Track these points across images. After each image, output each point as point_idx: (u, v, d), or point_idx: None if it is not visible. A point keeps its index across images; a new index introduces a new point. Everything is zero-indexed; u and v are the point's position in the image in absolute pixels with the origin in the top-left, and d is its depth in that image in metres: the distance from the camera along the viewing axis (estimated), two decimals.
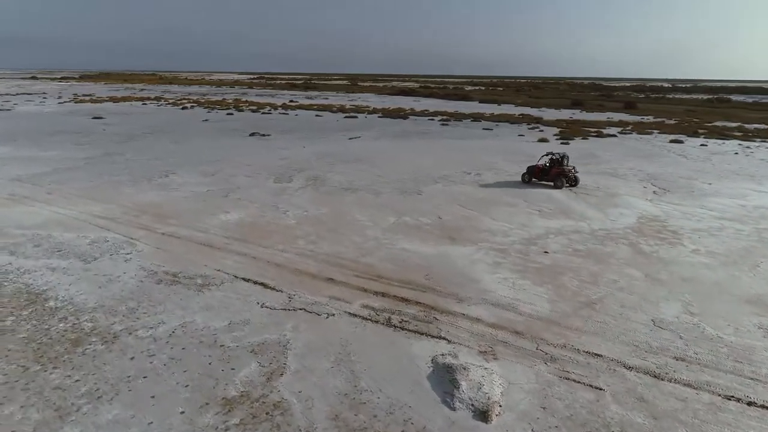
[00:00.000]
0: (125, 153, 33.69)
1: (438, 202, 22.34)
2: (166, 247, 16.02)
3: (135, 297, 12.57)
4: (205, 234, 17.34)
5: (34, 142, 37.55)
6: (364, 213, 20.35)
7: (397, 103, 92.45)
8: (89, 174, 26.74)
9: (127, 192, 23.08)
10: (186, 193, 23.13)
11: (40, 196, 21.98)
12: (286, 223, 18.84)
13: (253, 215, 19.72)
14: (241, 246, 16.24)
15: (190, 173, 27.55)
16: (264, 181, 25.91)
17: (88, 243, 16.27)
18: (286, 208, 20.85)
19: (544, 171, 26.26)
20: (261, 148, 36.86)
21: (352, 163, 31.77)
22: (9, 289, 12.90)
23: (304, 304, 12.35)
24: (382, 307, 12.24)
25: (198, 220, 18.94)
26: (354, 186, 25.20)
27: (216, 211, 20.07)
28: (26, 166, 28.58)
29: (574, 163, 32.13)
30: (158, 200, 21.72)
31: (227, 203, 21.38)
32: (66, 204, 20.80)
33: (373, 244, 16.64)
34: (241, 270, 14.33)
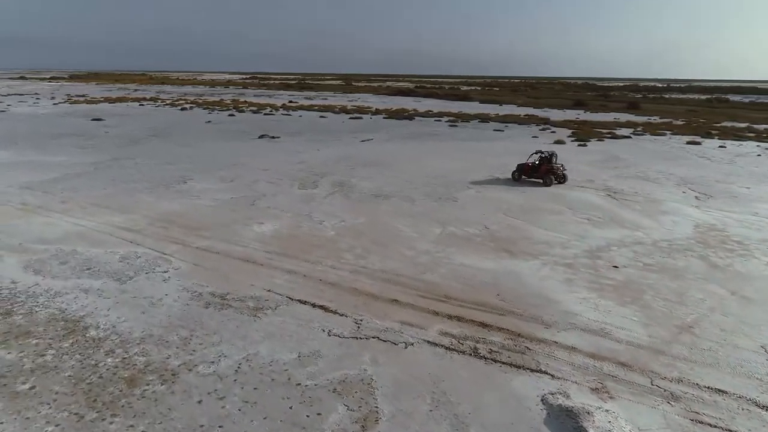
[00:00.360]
0: (134, 157, 32.22)
1: (478, 209, 21.19)
2: (205, 264, 14.71)
3: (185, 324, 11.28)
4: (244, 248, 16.05)
5: (37, 145, 35.94)
6: (404, 223, 19.16)
7: (397, 103, 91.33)
8: (101, 180, 25.30)
9: (147, 200, 21.70)
10: (210, 201, 21.79)
11: (55, 206, 20.55)
12: (326, 234, 17.59)
13: (289, 226, 18.45)
14: (286, 262, 14.97)
15: (207, 179, 26.20)
16: (288, 188, 24.63)
17: (119, 259, 14.93)
18: (320, 217, 19.59)
19: (533, 168, 26.85)
20: (274, 152, 35.52)
21: (373, 167, 30.54)
22: (42, 315, 11.55)
23: (375, 331, 11.12)
24: (463, 334, 11.05)
25: (231, 232, 17.64)
26: (384, 192, 23.99)
27: (248, 222, 18.77)
28: (33, 171, 27.06)
29: (600, 166, 31.23)
30: (182, 209, 20.37)
31: (257, 213, 20.09)
32: (84, 214, 19.40)
33: (427, 258, 15.43)
34: (293, 290, 13.07)
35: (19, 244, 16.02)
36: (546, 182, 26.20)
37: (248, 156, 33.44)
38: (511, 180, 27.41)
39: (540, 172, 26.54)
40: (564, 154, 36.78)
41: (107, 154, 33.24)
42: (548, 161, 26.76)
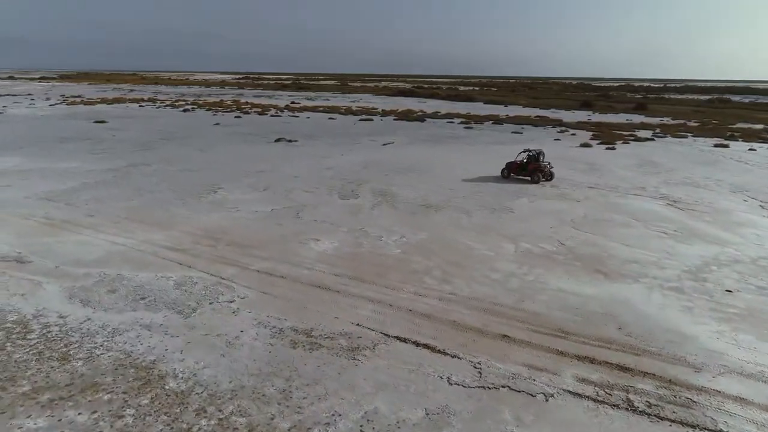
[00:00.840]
0: (150, 163, 30.37)
1: (540, 221, 19.70)
2: (273, 291, 13.04)
3: (277, 371, 9.62)
4: (309, 270, 14.39)
5: (45, 151, 33.94)
6: (469, 238, 17.59)
7: (401, 104, 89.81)
8: (124, 190, 23.48)
9: (181, 213, 19.95)
10: (250, 213, 20.09)
11: (82, 220, 18.75)
12: (391, 253, 15.98)
13: (348, 243, 16.81)
14: (362, 288, 13.34)
15: (238, 187, 24.48)
16: (328, 197, 22.98)
17: (174, 286, 13.21)
18: (377, 232, 17.98)
19: (521, 167, 27.70)
20: (297, 157, 33.82)
21: (406, 173, 28.96)
22: (106, 360, 9.84)
23: (501, 377, 9.53)
24: (604, 380, 9.49)
25: (288, 250, 15.97)
26: (431, 202, 22.42)
27: (302, 238, 17.11)
28: (48, 180, 25.17)
29: (640, 171, 29.94)
30: (224, 224, 18.66)
31: (307, 227, 18.42)
32: (118, 230, 17.62)
33: (517, 282, 13.87)
34: (385, 324, 11.45)
35: (56, 268, 14.25)
36: (534, 180, 27.01)
37: (271, 161, 31.71)
38: (556, 187, 25.94)
39: (528, 170, 27.37)
40: (596, 157, 35.46)
41: (121, 159, 31.35)
42: (536, 160, 27.50)
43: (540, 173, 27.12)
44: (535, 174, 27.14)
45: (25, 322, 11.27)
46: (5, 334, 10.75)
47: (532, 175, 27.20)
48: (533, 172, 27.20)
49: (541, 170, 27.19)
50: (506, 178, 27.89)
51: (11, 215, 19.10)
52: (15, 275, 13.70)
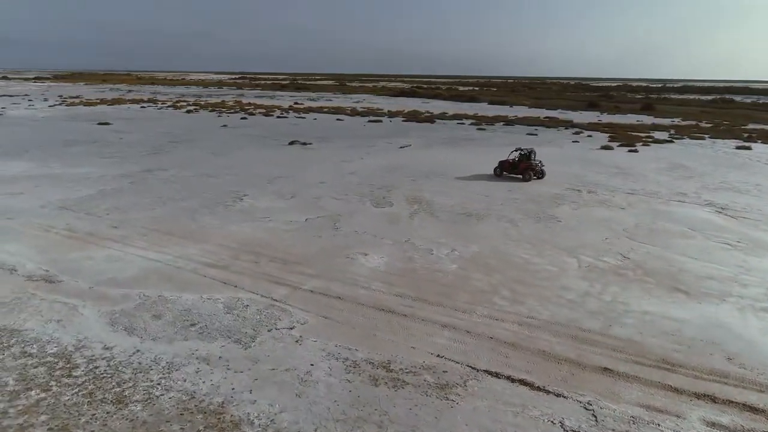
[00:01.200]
0: (166, 168, 29.10)
1: (592, 231, 18.67)
2: (334, 315, 11.88)
3: (365, 415, 8.48)
4: (367, 290, 13.24)
5: (52, 155, 32.59)
6: (524, 251, 16.51)
7: (405, 105, 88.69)
8: (145, 198, 22.23)
9: (211, 223, 18.74)
10: (284, 224, 18.91)
11: (108, 232, 17.51)
12: (448, 269, 14.85)
13: (398, 258, 15.67)
14: (429, 310, 12.21)
15: (263, 195, 23.28)
16: (361, 205, 21.83)
17: (224, 310, 12.03)
18: (425, 245, 16.84)
19: (514, 165, 28.08)
20: (316, 161, 32.63)
21: (433, 177, 27.87)
22: (167, 403, 8.65)
23: (621, 422, 8.42)
24: (737, 426, 8.42)
25: (337, 267, 14.81)
26: (469, 210, 21.33)
27: (349, 253, 15.95)
28: (62, 187, 23.89)
29: (673, 175, 29.08)
30: (260, 235, 17.47)
31: (349, 240, 17.27)
32: (148, 243, 16.40)
33: (595, 303, 12.77)
34: (469, 355, 10.32)
35: (90, 289, 13.03)
36: (525, 178, 27.44)
37: (291, 166, 30.52)
38: (594, 193, 24.89)
39: (519, 169, 27.78)
40: (622, 161, 34.49)
41: (135, 164, 30.05)
42: (527, 158, 27.94)
43: (531, 171, 27.52)
44: (527, 172, 27.51)
45: (68, 355, 10.06)
46: (47, 370, 9.55)
47: (524, 173, 27.58)
48: (525, 170, 27.59)
49: (532, 168, 27.62)
50: (499, 176, 28.29)
51: (30, 227, 17.83)
52: (46, 297, 12.48)
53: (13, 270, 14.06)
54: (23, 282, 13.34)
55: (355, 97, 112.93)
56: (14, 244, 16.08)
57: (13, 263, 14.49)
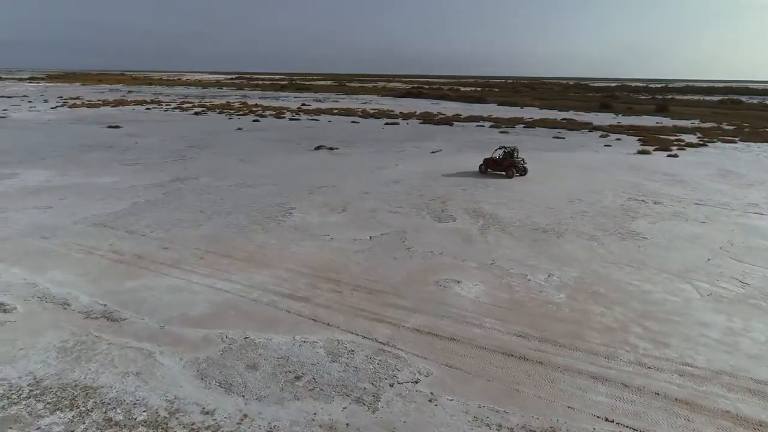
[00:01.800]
0: (197, 177, 27.25)
1: (688, 250, 17.15)
2: (457, 363, 10.15)
3: None
4: (480, 328, 11.51)
5: (70, 162, 30.64)
6: (627, 275, 14.90)
7: (415, 106, 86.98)
8: (185, 212, 20.39)
9: (268, 243, 16.96)
10: (348, 243, 17.16)
11: (158, 254, 15.67)
12: (557, 299, 13.15)
13: (494, 285, 13.96)
14: (564, 355, 10.50)
15: (311, 207, 21.52)
16: (421, 220, 20.11)
17: (328, 357, 10.25)
18: (515, 268, 15.15)
19: (497, 163, 29.12)
20: (350, 168, 30.91)
21: (484, 187, 26.23)
22: None
23: None
24: None
25: (431, 297, 13.07)
26: (540, 224, 19.69)
27: (436, 279, 14.23)
28: (91, 199, 22.01)
29: (728, 183, 27.74)
30: (328, 257, 15.70)
31: (429, 262, 15.54)
32: (208, 268, 14.58)
33: (752, 345, 11.15)
34: (645, 419, 8.68)
35: (162, 328, 11.21)
36: (508, 174, 28.45)
37: (326, 174, 28.74)
38: (660, 204, 23.29)
39: (503, 166, 28.78)
40: (668, 167, 32.98)
41: (161, 172, 28.16)
42: (510, 156, 28.97)
43: (514, 168, 28.54)
44: (510, 169, 28.51)
45: (163, 423, 8.26)
46: None
47: (507, 170, 28.58)
48: (508, 167, 28.59)
49: (515, 166, 28.62)
50: (483, 174, 29.25)
51: (69, 248, 15.96)
52: (114, 341, 10.64)
53: (66, 304, 12.22)
54: (82, 320, 11.50)
55: (360, 98, 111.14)
56: (58, 270, 14.22)
57: (63, 296, 12.64)
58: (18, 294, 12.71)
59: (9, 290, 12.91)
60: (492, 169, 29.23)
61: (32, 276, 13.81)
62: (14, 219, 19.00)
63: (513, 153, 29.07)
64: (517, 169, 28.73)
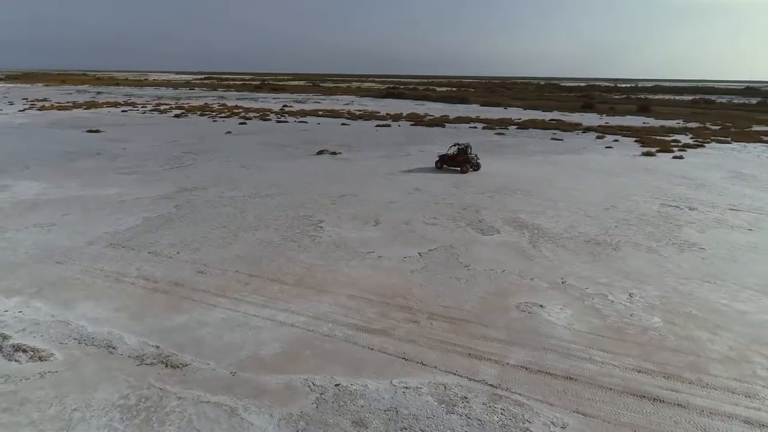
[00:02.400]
0: (205, 187, 25.41)
1: (756, 263, 16.40)
2: (592, 411, 8.93)
3: None
4: (592, 363, 10.33)
5: (59, 171, 28.36)
6: (711, 292, 14.04)
7: (399, 107, 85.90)
8: (206, 227, 18.69)
9: (312, 263, 15.45)
10: (399, 261, 15.84)
11: (197, 280, 14.03)
12: (654, 324, 12.16)
13: (579, 308, 12.87)
14: (703, 395, 9.46)
15: (341, 220, 20.09)
16: (464, 233, 18.92)
17: (441, 407, 8.92)
18: (592, 288, 14.11)
19: (453, 159, 30.70)
20: (364, 174, 29.54)
21: (509, 193, 25.22)
22: None
23: None
24: None
25: (520, 325, 11.87)
26: (590, 235, 18.79)
27: (516, 303, 13.04)
28: (97, 215, 20.07)
29: (746, 185, 27.30)
30: (386, 279, 14.35)
31: (498, 282, 14.33)
32: (259, 295, 13.05)
33: None
34: None
35: (234, 375, 9.67)
36: (463, 170, 30.02)
37: (341, 181, 27.32)
38: (696, 210, 22.63)
39: (458, 161, 30.36)
40: (680, 168, 32.64)
41: (164, 182, 26.22)
42: (464, 152, 30.66)
43: (468, 164, 30.19)
44: (464, 165, 30.15)
45: None
46: None
47: (462, 165, 30.16)
48: (462, 163, 30.19)
49: (468, 161, 30.31)
50: (439, 169, 30.70)
51: (92, 275, 14.13)
52: (185, 395, 9.04)
53: (112, 347, 10.50)
54: (136, 368, 9.83)
55: (339, 98, 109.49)
56: (89, 304, 12.43)
57: (105, 337, 10.91)
58: (50, 336, 10.92)
59: (38, 331, 11.11)
60: (448, 165, 30.77)
61: (61, 312, 12.00)
62: (17, 240, 16.96)
63: (466, 150, 30.72)
64: (471, 164, 30.33)
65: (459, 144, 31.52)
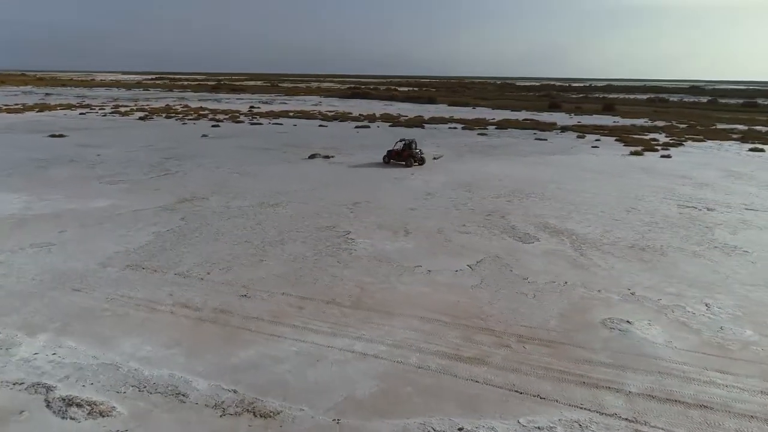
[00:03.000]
0: (205, 195, 23.67)
1: None
2: None
3: None
4: (717, 387, 9.76)
5: (36, 181, 25.95)
6: None
7: (368, 107, 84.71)
8: (228, 243, 17.15)
9: (362, 280, 14.25)
10: (452, 275, 14.90)
11: (244, 306, 12.59)
12: (747, 338, 11.69)
13: (665, 323, 12.28)
14: None
15: (368, 231, 18.93)
16: (503, 241, 18.12)
17: None
18: (664, 299, 13.53)
19: (399, 154, 32.31)
20: (367, 180, 28.46)
21: (525, 197, 24.66)
22: None
23: None
24: None
25: (617, 346, 11.08)
26: (631, 241, 18.30)
27: (601, 318, 12.22)
28: (99, 230, 18.17)
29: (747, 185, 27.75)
30: (448, 297, 13.36)
31: (569, 297, 13.54)
32: (322, 322, 11.78)
33: None
34: None
35: (338, 423, 8.39)
36: (408, 164, 31.67)
37: (346, 187, 26.12)
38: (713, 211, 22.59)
39: (403, 156, 32.02)
40: (675, 168, 32.92)
41: (158, 191, 24.27)
42: (410, 147, 32.27)
43: (412, 159, 31.89)
44: (409, 160, 31.80)
45: None
46: None
47: (407, 160, 31.80)
48: (407, 158, 31.82)
49: (413, 156, 31.97)
50: (387, 164, 32.18)
51: (123, 304, 12.44)
52: None
53: (181, 395, 9.00)
54: (220, 420, 8.40)
55: (305, 99, 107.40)
56: (132, 340, 10.80)
57: (167, 381, 9.37)
58: (103, 383, 9.29)
59: (85, 378, 9.44)
60: (395, 160, 32.27)
61: (102, 351, 10.32)
62: (17, 264, 14.93)
63: (411, 145, 32.27)
64: (415, 158, 32.09)
65: (404, 140, 32.99)
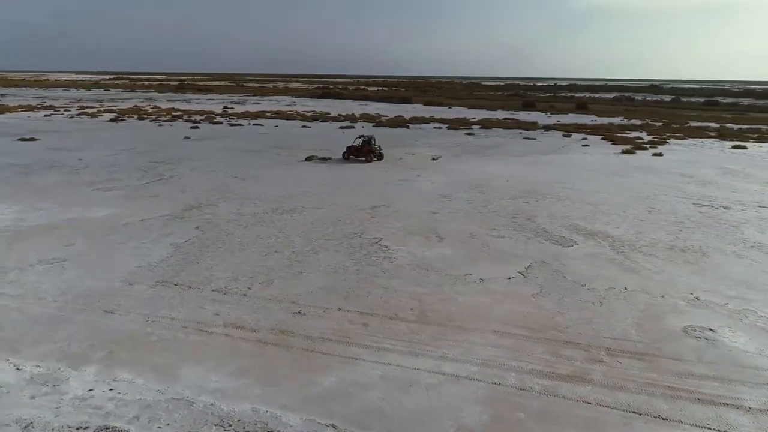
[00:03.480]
0: (212, 202, 22.38)
1: None
2: None
3: None
4: None
5: (18, 189, 24.10)
6: None
7: (344, 107, 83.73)
8: (257, 253, 16.06)
9: (416, 291, 13.45)
10: (504, 283, 14.26)
11: (301, 323, 11.63)
12: None
13: (746, 329, 11.94)
14: None
15: (398, 237, 18.13)
16: (539, 244, 17.59)
17: None
18: (730, 303, 13.29)
19: (358, 150, 33.01)
20: (372, 181, 27.64)
21: (541, 198, 24.36)
22: None
23: None
24: None
25: (707, 355, 10.71)
26: (668, 243, 18.06)
27: (682, 327, 11.80)
28: (112, 244, 16.82)
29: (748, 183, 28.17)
30: (516, 308, 12.68)
31: (634, 303, 13.16)
32: (394, 340, 10.96)
33: None
34: None
35: None
36: (367, 159, 32.52)
37: (356, 190, 25.28)
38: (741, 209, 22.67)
39: (363, 152, 32.72)
40: (672, 166, 33.17)
41: (159, 198, 22.83)
42: (369, 143, 33.09)
43: (372, 154, 32.71)
44: (369, 155, 32.64)
45: None
46: None
47: (366, 156, 32.60)
48: (367, 153, 32.61)
49: (372, 152, 32.79)
50: (347, 160, 32.91)
51: (169, 328, 11.24)
52: None
53: None
54: None
55: (277, 99, 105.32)
56: (191, 368, 9.67)
57: (252, 417, 8.38)
58: (180, 423, 8.17)
59: (156, 417, 8.30)
60: (355, 156, 32.92)
61: (165, 384, 9.15)
62: (30, 283, 13.45)
63: (370, 141, 33.14)
64: (375, 154, 32.83)
65: (363, 136, 33.78)
